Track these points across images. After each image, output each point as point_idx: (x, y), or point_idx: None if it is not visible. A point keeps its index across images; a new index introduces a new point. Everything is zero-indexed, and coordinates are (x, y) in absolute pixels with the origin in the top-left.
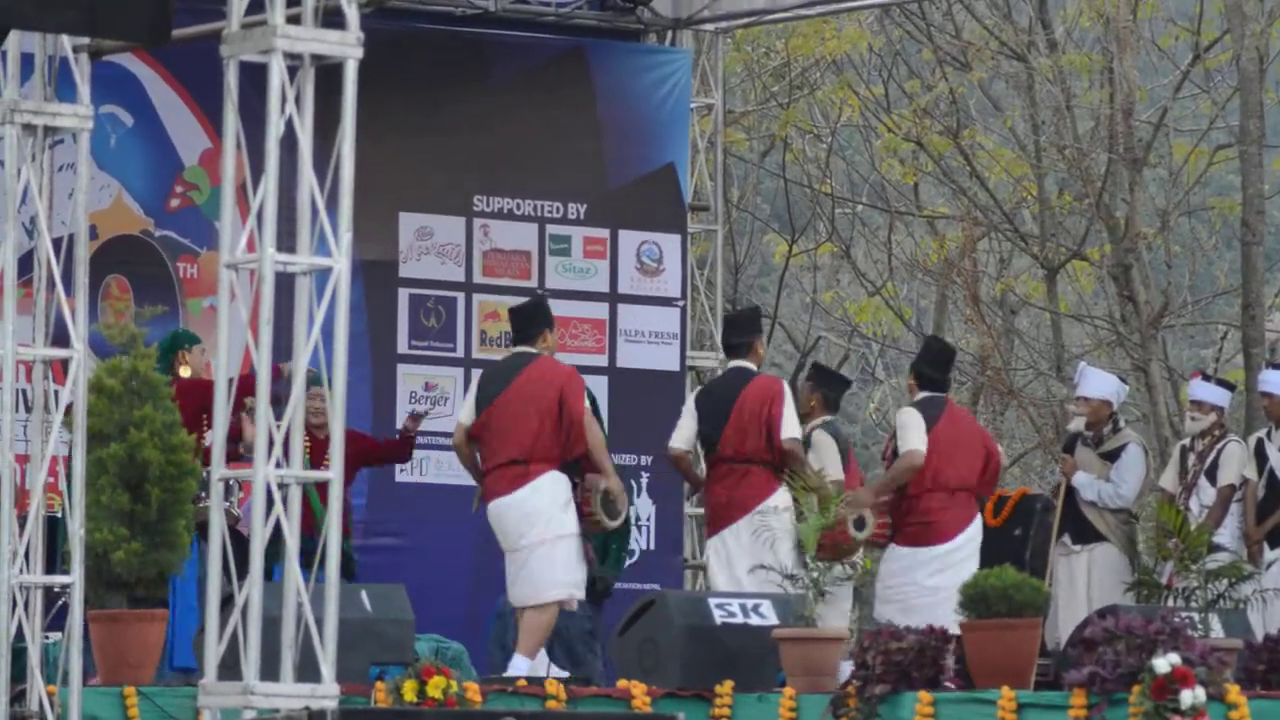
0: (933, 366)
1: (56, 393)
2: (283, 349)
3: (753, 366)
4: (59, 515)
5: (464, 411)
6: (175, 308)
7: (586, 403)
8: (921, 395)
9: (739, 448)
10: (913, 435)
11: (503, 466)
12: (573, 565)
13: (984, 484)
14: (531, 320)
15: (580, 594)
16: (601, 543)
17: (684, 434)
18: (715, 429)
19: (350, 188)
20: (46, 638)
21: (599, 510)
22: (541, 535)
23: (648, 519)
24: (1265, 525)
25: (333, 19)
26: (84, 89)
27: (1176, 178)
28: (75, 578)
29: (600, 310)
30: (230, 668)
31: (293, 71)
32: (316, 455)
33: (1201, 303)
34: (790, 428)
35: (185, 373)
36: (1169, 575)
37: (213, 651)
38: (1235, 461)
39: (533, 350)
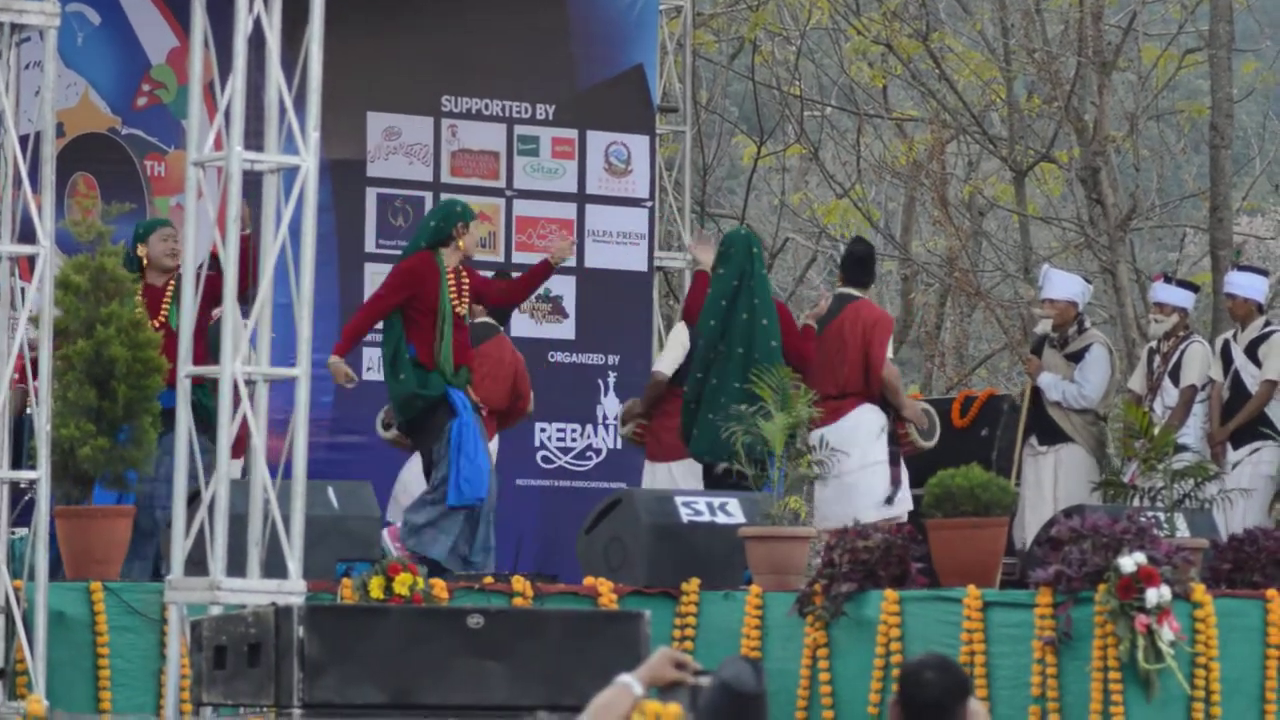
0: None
1: (23, 289)
2: (250, 247)
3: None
4: (26, 411)
5: None
6: (143, 205)
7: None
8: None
9: None
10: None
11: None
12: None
13: None
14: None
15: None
16: None
17: None
18: None
19: (318, 87)
20: (13, 533)
21: (913, 433)
22: (860, 462)
23: (615, 418)
24: (1230, 426)
25: None
26: None
27: (1145, 81)
28: (42, 473)
29: (568, 211)
30: (197, 563)
31: None
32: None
33: (1169, 205)
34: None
35: (461, 245)
36: (1132, 475)
37: (179, 547)
38: (1197, 362)
39: (855, 293)
